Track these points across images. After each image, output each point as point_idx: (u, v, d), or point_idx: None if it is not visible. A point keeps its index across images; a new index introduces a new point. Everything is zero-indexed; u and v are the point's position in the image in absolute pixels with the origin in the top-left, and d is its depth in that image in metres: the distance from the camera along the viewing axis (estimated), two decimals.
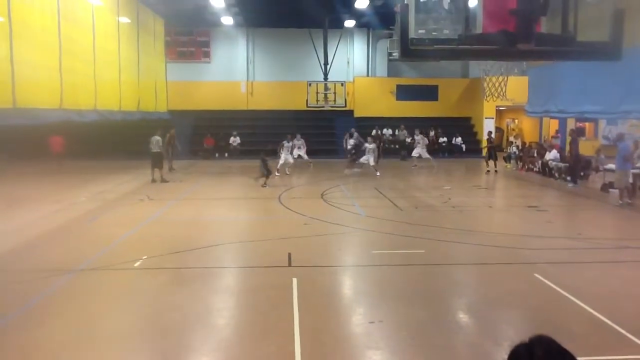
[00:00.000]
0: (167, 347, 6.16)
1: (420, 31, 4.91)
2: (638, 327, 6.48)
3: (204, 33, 33.82)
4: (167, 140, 21.81)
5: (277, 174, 20.88)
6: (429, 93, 34.29)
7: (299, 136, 24.13)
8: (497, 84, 19.17)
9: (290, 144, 22.69)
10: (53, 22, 14.41)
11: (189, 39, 33.81)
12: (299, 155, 23.83)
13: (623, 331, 6.39)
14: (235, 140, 30.53)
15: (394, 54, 32.74)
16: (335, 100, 30.66)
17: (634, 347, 6.02)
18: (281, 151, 21.63)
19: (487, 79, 19.76)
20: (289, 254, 9.82)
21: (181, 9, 26.29)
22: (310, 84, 30.76)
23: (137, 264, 9.32)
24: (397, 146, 31.02)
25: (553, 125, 28.87)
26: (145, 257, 9.74)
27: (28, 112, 12.96)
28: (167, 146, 21.81)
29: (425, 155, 25.36)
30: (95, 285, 8.38)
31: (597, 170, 19.84)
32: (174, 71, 31.05)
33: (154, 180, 19.36)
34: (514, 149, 26.77)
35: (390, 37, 33.58)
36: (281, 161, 21.54)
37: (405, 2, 4.78)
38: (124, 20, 21.14)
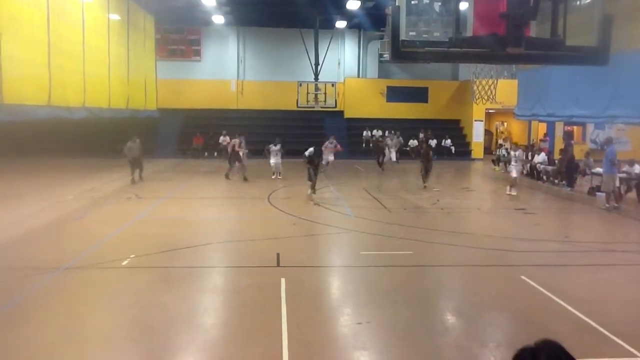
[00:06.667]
0: (152, 347, 6.13)
1: (411, 33, 4.93)
2: (622, 329, 6.55)
3: (195, 31, 33.67)
4: (233, 146, 20.31)
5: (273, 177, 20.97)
6: (419, 95, 34.41)
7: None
8: (486, 87, 19.14)
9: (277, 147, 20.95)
10: (42, 19, 14.26)
11: (180, 37, 33.65)
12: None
13: (608, 333, 6.45)
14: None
15: (384, 56, 32.77)
16: (325, 101, 30.61)
17: (619, 349, 6.08)
18: (269, 155, 20.82)
19: (477, 81, 19.68)
20: (278, 254, 9.81)
21: (172, 6, 26.14)
22: (300, 84, 30.71)
23: (124, 263, 9.28)
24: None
25: (542, 128, 29.04)
26: (133, 255, 9.68)
27: (16, 108, 12.81)
28: (233, 154, 20.18)
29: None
30: (82, 284, 8.32)
31: (584, 174, 19.99)
32: (164, 69, 30.82)
33: (133, 181, 18.82)
34: (503, 151, 26.89)
35: (381, 39, 33.64)
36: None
37: (397, 4, 4.79)
38: (114, 17, 20.97)
